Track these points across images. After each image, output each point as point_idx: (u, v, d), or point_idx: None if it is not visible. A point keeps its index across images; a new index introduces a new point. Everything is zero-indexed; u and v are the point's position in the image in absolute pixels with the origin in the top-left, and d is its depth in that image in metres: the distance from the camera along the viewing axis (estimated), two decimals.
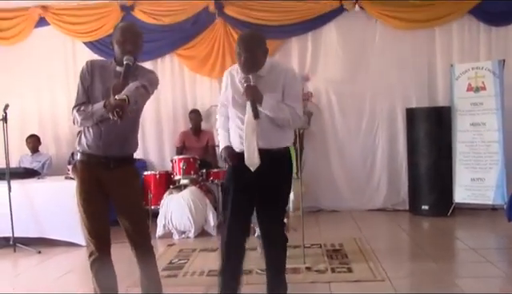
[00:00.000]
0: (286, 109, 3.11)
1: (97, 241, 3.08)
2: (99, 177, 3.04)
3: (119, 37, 3.05)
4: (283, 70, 3.21)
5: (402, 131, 6.91)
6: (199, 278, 4.32)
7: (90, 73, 3.07)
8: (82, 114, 3.00)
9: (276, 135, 3.17)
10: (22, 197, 5.66)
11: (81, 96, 3.07)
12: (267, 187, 3.15)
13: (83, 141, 3.06)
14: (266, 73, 3.16)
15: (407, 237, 5.75)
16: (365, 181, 7.08)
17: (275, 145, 3.17)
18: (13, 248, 5.58)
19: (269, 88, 3.10)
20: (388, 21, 6.86)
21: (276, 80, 3.14)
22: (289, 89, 3.15)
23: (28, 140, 6.96)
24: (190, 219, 5.81)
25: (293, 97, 3.16)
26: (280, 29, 7.01)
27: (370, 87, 7.00)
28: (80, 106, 3.03)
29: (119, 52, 3.04)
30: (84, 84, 3.07)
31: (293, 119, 3.13)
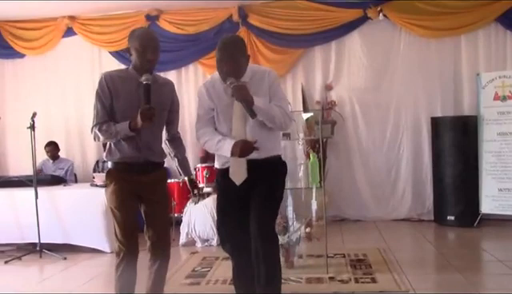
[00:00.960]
0: (276, 109, 3.01)
1: (128, 244, 3.09)
2: (135, 183, 3.09)
3: (138, 46, 3.02)
4: (264, 73, 3.11)
5: (427, 140, 6.82)
6: (222, 286, 4.31)
7: (109, 87, 3.04)
8: (105, 134, 3.03)
9: (267, 143, 3.03)
10: (48, 204, 5.76)
11: (101, 115, 3.05)
12: (258, 195, 3.03)
13: (115, 151, 3.09)
14: (249, 78, 3.06)
15: (432, 248, 5.66)
16: (389, 191, 7.00)
17: (266, 153, 3.04)
18: (39, 253, 5.66)
19: (254, 92, 2.97)
20: (412, 29, 6.80)
21: (259, 84, 3.06)
22: (274, 90, 3.08)
23: (46, 148, 6.91)
24: (213, 227, 5.82)
25: (279, 98, 3.08)
26: (303, 38, 7.02)
27: (394, 96, 6.94)
28: (102, 125, 3.03)
29: (139, 60, 3.03)
30: (104, 101, 3.05)
31: (284, 118, 3.03)
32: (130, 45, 3.07)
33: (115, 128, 3.00)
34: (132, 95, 3.01)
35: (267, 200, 3.06)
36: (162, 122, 3.23)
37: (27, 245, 5.94)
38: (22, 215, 5.85)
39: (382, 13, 6.76)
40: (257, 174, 3.00)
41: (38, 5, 6.63)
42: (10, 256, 5.65)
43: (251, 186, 3.02)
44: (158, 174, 3.23)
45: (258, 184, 3.02)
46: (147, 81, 2.96)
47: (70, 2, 6.64)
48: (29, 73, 7.61)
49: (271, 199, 3.09)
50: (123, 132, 2.98)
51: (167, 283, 4.32)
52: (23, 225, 5.86)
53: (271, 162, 3.09)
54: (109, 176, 3.16)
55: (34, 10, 6.97)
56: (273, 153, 3.11)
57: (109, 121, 3.05)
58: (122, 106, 3.03)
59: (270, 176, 3.06)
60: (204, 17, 7.14)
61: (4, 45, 7.52)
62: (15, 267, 5.45)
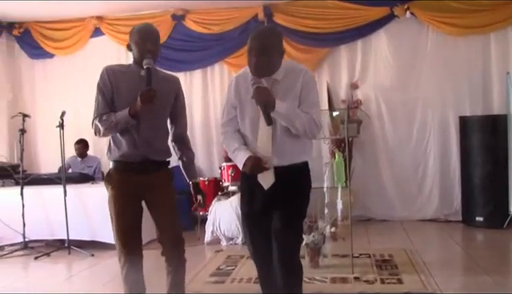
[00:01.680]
0: (302, 115, 2.69)
1: (128, 252, 3.01)
2: (135, 184, 2.96)
3: (138, 39, 2.95)
4: (300, 72, 2.79)
5: (455, 140, 6.72)
6: (246, 285, 4.33)
7: (111, 81, 2.97)
8: (105, 124, 2.93)
9: (293, 149, 2.79)
10: (76, 201, 5.85)
11: (101, 106, 2.98)
12: (281, 207, 2.78)
13: (115, 149, 3.00)
14: (282, 76, 2.77)
15: (460, 249, 5.57)
16: (416, 191, 6.92)
17: (292, 160, 2.79)
18: (67, 250, 5.77)
19: (285, 93, 2.74)
20: (440, 27, 6.70)
21: (293, 84, 2.75)
22: (305, 94, 2.75)
23: (76, 145, 7.02)
24: (238, 226, 5.84)
25: (309, 102, 2.75)
26: (329, 36, 6.98)
27: (421, 95, 6.85)
28: (101, 116, 2.95)
29: (139, 53, 2.94)
30: (105, 94, 2.98)
31: (309, 126, 2.71)
32: (130, 42, 3.01)
33: (115, 116, 2.91)
34: (133, 90, 2.89)
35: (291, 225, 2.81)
36: (163, 118, 3.09)
37: (56, 242, 6.06)
38: (51, 212, 5.97)
39: (409, 11, 6.68)
40: (281, 181, 2.77)
41: (67, 5, 6.75)
42: (40, 252, 5.77)
43: (275, 193, 2.78)
44: (159, 174, 3.04)
45: (282, 196, 2.77)
46: (148, 64, 2.88)
47: (98, 3, 6.74)
48: (58, 73, 7.75)
49: (295, 219, 2.85)
50: (123, 119, 2.87)
51: (192, 281, 4.38)
52: (52, 222, 5.98)
53: (296, 169, 2.82)
54: (108, 179, 3.05)
55: (62, 11, 7.10)
56: (298, 160, 2.83)
57: (109, 112, 2.96)
58: (122, 100, 2.93)
59: (294, 188, 2.80)
60: (229, 16, 7.17)
61: (34, 46, 7.68)
62: (44, 263, 5.56)
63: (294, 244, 2.88)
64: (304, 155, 2.87)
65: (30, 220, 5.82)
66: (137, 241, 3.04)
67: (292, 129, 2.71)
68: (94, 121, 2.98)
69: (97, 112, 2.99)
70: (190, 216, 6.54)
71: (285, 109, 2.67)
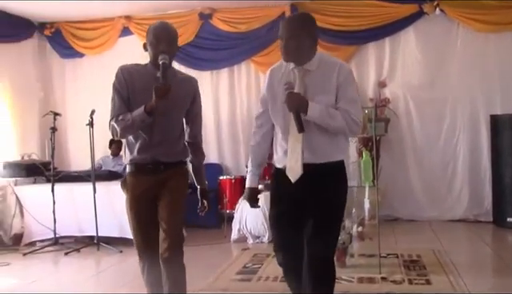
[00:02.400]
0: (339, 116, 2.58)
1: (146, 255, 2.97)
2: (148, 186, 2.90)
3: (152, 39, 2.86)
4: (336, 66, 2.64)
5: (486, 139, 6.60)
6: (272, 283, 4.32)
7: (126, 81, 2.88)
8: (122, 124, 2.79)
9: (326, 146, 2.68)
10: (105, 199, 5.93)
11: (118, 107, 2.85)
12: (315, 211, 2.67)
13: (128, 153, 2.95)
14: (316, 67, 2.65)
15: (490, 250, 5.47)
16: (445, 190, 6.82)
17: (326, 158, 2.68)
18: (97, 246, 5.86)
19: (318, 86, 2.63)
20: (470, 24, 6.58)
21: (327, 77, 2.62)
22: (344, 91, 2.62)
23: (112, 144, 7.23)
24: (265, 224, 5.85)
25: (348, 99, 2.62)
26: (356, 34, 6.93)
27: (450, 92, 6.74)
28: (118, 116, 2.82)
29: (154, 54, 2.85)
30: (122, 94, 2.86)
31: (348, 126, 2.60)
32: (146, 41, 2.93)
33: (131, 115, 2.78)
34: (149, 91, 2.73)
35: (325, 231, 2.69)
36: (178, 120, 2.97)
37: (85, 238, 6.16)
38: (81, 209, 6.07)
39: (438, 8, 6.58)
40: (314, 181, 2.64)
41: (96, 5, 6.85)
42: (70, 248, 5.88)
43: (308, 195, 2.67)
44: (170, 173, 2.93)
45: (315, 197, 2.67)
46: (164, 59, 2.76)
47: (127, 2, 6.83)
48: (88, 72, 7.87)
49: (329, 224, 2.72)
50: (139, 117, 2.73)
51: (218, 279, 4.40)
52: (82, 219, 6.10)
53: (330, 169, 2.69)
54: (123, 183, 3.03)
55: (92, 11, 7.21)
56: (333, 159, 2.70)
57: (126, 113, 2.82)
58: (138, 101, 2.80)
59: (328, 189, 2.68)
60: (256, 14, 7.18)
61: (65, 45, 7.81)
62: (74, 258, 5.67)
63: (326, 253, 2.73)
64: (339, 153, 2.74)
65: (60, 216, 5.93)
66: (155, 244, 2.92)
67: (327, 128, 2.61)
68: (111, 122, 2.85)
69: (113, 112, 2.86)
70: (217, 214, 6.58)
71: (318, 112, 2.57)
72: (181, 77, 3.01)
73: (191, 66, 7.45)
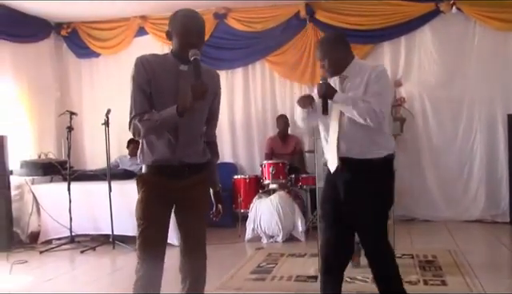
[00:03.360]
0: (361, 104, 2.83)
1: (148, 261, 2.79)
2: (169, 189, 2.65)
3: (181, 29, 2.55)
4: (368, 69, 2.96)
5: (503, 138, 6.52)
6: (287, 283, 4.32)
7: (148, 73, 2.56)
8: (147, 124, 2.50)
9: (361, 143, 2.89)
10: (120, 197, 5.96)
11: (140, 104, 2.55)
12: (354, 204, 2.90)
13: (148, 153, 2.64)
14: (352, 72, 2.98)
15: (507, 251, 5.41)
16: (461, 191, 6.75)
17: (363, 154, 2.89)
18: (112, 245, 5.91)
19: (352, 87, 2.96)
20: (488, 22, 6.51)
21: (360, 80, 2.94)
22: (371, 86, 2.90)
23: (130, 145, 7.26)
24: (279, 223, 5.84)
25: (372, 92, 2.88)
26: (372, 33, 6.89)
27: (467, 92, 6.67)
28: (143, 115, 2.52)
29: (180, 45, 2.55)
30: (144, 88, 2.56)
31: (368, 114, 2.81)
32: (170, 28, 2.60)
33: (159, 115, 2.48)
34: (171, 85, 2.53)
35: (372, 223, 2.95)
36: (202, 118, 2.70)
37: (101, 236, 6.21)
38: (97, 207, 6.12)
39: (455, 7, 6.52)
40: (353, 174, 2.89)
41: (112, 6, 6.91)
42: (86, 247, 5.93)
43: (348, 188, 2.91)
44: (195, 179, 2.66)
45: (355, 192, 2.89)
46: (196, 55, 2.49)
47: (142, 3, 6.86)
48: (103, 72, 7.94)
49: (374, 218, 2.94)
50: (169, 118, 2.45)
51: (232, 278, 4.41)
52: (97, 217, 6.14)
53: (369, 164, 2.89)
54: (139, 182, 2.76)
55: (108, 11, 7.26)
56: (372, 155, 2.90)
57: (150, 110, 2.54)
58: (159, 97, 2.54)
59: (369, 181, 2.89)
60: (271, 14, 7.17)
61: (81, 45, 7.88)
62: (90, 257, 5.72)
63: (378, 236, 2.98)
64: (381, 149, 2.94)
65: (76, 215, 5.98)
66: (160, 252, 2.73)
67: (352, 117, 2.86)
68: (133, 121, 2.55)
69: (134, 110, 2.55)
70: (231, 213, 6.59)
71: (343, 98, 2.90)
72: (205, 69, 2.63)
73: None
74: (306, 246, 5.65)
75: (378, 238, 2.98)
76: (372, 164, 2.90)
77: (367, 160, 2.89)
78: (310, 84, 7.20)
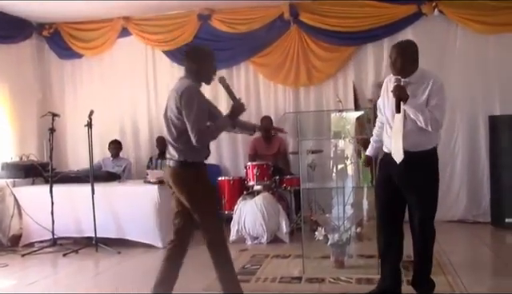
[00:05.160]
0: (426, 112, 3.41)
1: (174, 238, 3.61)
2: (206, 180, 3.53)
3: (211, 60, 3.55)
4: (430, 79, 3.50)
5: (484, 140, 6.60)
6: (271, 284, 4.33)
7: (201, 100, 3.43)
8: (212, 134, 3.47)
9: (416, 139, 3.48)
10: (104, 200, 5.93)
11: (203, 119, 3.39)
12: (409, 188, 3.54)
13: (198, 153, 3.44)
14: (415, 80, 3.51)
15: (489, 251, 5.47)
16: (443, 191, 6.76)
17: (417, 147, 3.49)
18: (95, 247, 5.85)
19: (414, 93, 3.46)
20: (469, 25, 6.59)
21: (422, 88, 3.48)
22: (432, 98, 3.45)
23: (111, 145, 7.28)
24: (263, 225, 5.84)
25: (434, 105, 3.44)
26: (355, 35, 6.94)
27: (449, 94, 6.60)
28: (208, 127, 3.40)
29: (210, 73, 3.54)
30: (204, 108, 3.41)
31: (431, 122, 3.41)
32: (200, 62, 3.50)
33: (217, 125, 3.50)
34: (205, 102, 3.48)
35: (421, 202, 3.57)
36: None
37: (83, 239, 6.14)
38: (80, 210, 6.07)
39: (437, 9, 6.59)
40: (409, 164, 3.48)
41: (95, 6, 6.84)
42: (68, 249, 5.87)
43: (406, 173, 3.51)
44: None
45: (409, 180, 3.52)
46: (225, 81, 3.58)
47: (125, 3, 6.82)
48: (86, 73, 7.88)
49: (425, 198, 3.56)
50: (224, 127, 3.58)
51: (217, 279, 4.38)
52: (80, 220, 6.09)
53: (425, 156, 3.54)
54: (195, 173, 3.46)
55: (90, 11, 7.20)
56: (423, 148, 3.53)
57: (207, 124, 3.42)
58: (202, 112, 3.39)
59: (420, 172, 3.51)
60: (255, 15, 7.17)
61: (63, 46, 7.81)
62: (72, 260, 5.65)
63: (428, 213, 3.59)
64: (425, 145, 3.56)
65: (58, 217, 5.92)
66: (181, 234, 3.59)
67: (417, 121, 3.43)
68: (203, 132, 3.34)
69: (201, 124, 3.35)
70: None
71: (414, 104, 3.43)
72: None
73: None
74: (290, 247, 5.66)
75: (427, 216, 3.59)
76: (423, 156, 3.53)
77: (420, 151, 3.51)
78: (293, 86, 7.23)
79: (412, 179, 3.52)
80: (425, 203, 3.58)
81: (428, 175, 3.57)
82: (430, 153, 3.59)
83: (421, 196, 3.56)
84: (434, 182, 3.61)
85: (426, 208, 3.60)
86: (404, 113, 3.47)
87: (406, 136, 3.48)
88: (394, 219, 3.68)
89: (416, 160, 3.50)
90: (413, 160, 3.49)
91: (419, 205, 3.58)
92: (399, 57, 3.51)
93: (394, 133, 3.57)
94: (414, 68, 3.56)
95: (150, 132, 7.68)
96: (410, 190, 3.57)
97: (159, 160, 7.34)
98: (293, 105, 7.26)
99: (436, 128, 3.49)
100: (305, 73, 7.10)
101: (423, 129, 3.46)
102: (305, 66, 7.06)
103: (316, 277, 4.39)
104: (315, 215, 5.86)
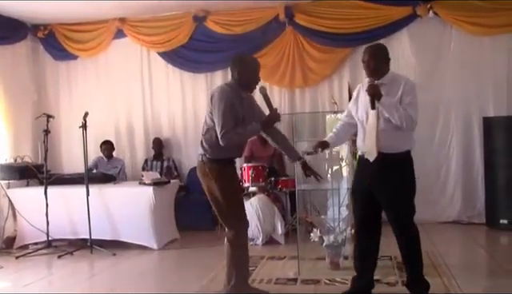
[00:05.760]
0: (400, 109, 3.47)
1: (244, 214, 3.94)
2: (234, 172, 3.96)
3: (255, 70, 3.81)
4: (401, 81, 3.60)
5: (479, 141, 6.62)
6: (266, 285, 4.33)
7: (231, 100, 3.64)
8: (238, 136, 3.66)
9: (392, 140, 3.54)
10: (99, 201, 5.93)
11: (230, 121, 3.60)
12: (382, 190, 3.58)
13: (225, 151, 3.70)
14: (388, 81, 3.59)
15: (484, 252, 5.49)
16: (438, 192, 6.83)
17: (391, 149, 3.54)
18: (90, 249, 5.83)
19: (388, 93, 3.52)
20: (464, 26, 6.61)
21: (395, 89, 3.54)
22: (405, 97, 3.53)
23: (102, 146, 7.23)
24: (258, 226, 5.85)
25: (407, 102, 3.52)
26: (350, 37, 6.93)
27: (444, 95, 6.77)
28: (234, 129, 3.60)
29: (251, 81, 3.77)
30: (231, 110, 3.61)
31: (405, 119, 3.47)
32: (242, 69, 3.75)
33: (247, 130, 3.71)
34: (239, 107, 3.68)
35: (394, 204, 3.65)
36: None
37: (78, 241, 6.13)
38: (74, 211, 6.06)
39: (431, 11, 6.60)
40: (383, 166, 3.55)
41: (90, 7, 6.83)
42: (63, 251, 5.85)
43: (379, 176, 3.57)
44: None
45: (383, 182, 3.57)
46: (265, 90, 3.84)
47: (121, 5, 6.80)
48: (81, 75, 7.86)
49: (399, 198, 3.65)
50: (254, 132, 3.87)
51: (212, 281, 4.41)
52: (75, 221, 6.08)
53: (393, 158, 3.57)
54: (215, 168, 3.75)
55: (86, 13, 7.18)
56: (395, 150, 3.58)
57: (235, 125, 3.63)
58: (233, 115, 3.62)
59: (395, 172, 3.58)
60: (250, 17, 7.17)
61: (58, 48, 7.78)
62: (67, 261, 5.64)
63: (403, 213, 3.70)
64: (404, 146, 3.63)
65: (53, 219, 5.91)
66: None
67: (392, 119, 3.47)
68: (227, 135, 3.58)
69: (228, 126, 3.58)
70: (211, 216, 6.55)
71: (388, 102, 3.49)
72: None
73: (186, 69, 7.45)
74: (285, 249, 5.66)
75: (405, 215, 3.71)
76: (398, 158, 3.60)
77: (395, 153, 3.57)
78: (288, 87, 7.23)
79: (385, 180, 3.57)
80: (398, 205, 3.64)
81: (401, 177, 3.63)
82: (403, 156, 3.64)
83: (393, 198, 3.61)
84: (407, 184, 3.69)
85: (399, 210, 3.66)
86: (378, 113, 3.52)
87: (379, 136, 3.52)
88: (372, 222, 3.75)
89: (389, 161, 3.55)
90: (386, 161, 3.54)
91: (392, 207, 3.65)
92: (372, 59, 3.59)
93: (368, 132, 3.60)
94: (386, 70, 3.65)
95: (146, 133, 7.67)
96: (383, 192, 3.60)
97: (155, 161, 7.33)
98: (288, 107, 7.26)
99: (411, 126, 3.54)
100: (300, 75, 7.11)
101: (398, 130, 3.51)
102: (300, 68, 7.07)
103: (311, 278, 4.40)
104: (310, 216, 5.86)
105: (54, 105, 7.82)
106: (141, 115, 7.66)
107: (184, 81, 7.51)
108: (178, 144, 7.61)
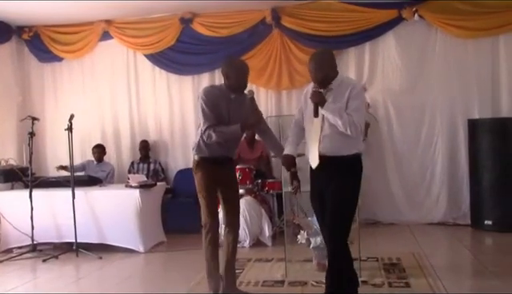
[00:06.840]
0: (345, 116, 3.38)
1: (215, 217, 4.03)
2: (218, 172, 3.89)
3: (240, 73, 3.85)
4: (349, 86, 3.51)
5: (464, 143, 6.68)
6: (254, 288, 4.33)
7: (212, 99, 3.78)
8: (218, 134, 3.73)
9: (336, 143, 3.45)
10: (84, 204, 5.88)
11: (211, 119, 3.75)
12: (327, 193, 3.49)
13: (205, 150, 3.85)
14: (336, 86, 3.52)
15: (469, 253, 5.53)
16: (424, 194, 6.88)
17: (336, 152, 3.47)
18: (76, 252, 5.79)
19: (335, 98, 3.46)
20: (449, 29, 6.68)
21: (342, 93, 3.46)
22: (351, 102, 3.43)
23: (94, 149, 7.22)
24: (246, 228, 5.84)
25: (353, 108, 3.42)
26: (336, 39, 6.96)
27: (429, 98, 6.82)
28: (215, 127, 3.73)
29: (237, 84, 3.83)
30: (211, 109, 3.75)
31: (349, 125, 3.37)
32: (229, 72, 3.83)
33: (227, 129, 3.77)
34: (225, 107, 3.81)
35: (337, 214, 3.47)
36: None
37: (64, 244, 6.08)
38: (60, 215, 6.01)
39: (417, 14, 6.65)
40: (329, 169, 3.48)
41: (76, 9, 6.78)
42: (48, 255, 5.79)
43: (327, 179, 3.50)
44: (229, 165, 4.06)
45: (331, 184, 3.46)
46: (252, 94, 3.93)
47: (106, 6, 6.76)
48: (67, 77, 7.81)
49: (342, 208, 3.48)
50: (235, 132, 3.79)
51: (199, 283, 4.40)
52: (60, 225, 6.03)
53: (342, 160, 3.47)
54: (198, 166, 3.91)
55: (71, 15, 7.13)
56: (343, 153, 3.48)
57: (216, 124, 3.74)
58: (218, 115, 3.77)
59: (341, 175, 3.47)
60: (237, 19, 7.17)
61: (43, 49, 7.72)
62: (53, 265, 5.58)
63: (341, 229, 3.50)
64: (350, 148, 3.49)
65: (38, 222, 5.85)
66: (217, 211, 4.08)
67: (336, 125, 3.40)
68: (208, 131, 3.73)
69: (208, 122, 3.74)
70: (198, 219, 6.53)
71: (331, 108, 3.41)
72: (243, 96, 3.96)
73: (172, 71, 7.44)
74: (272, 251, 5.67)
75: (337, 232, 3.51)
76: (345, 161, 3.48)
77: (340, 156, 3.47)
78: (275, 90, 7.25)
79: (330, 183, 3.46)
80: (338, 211, 3.46)
81: (346, 180, 3.48)
82: (350, 159, 3.50)
83: (336, 201, 3.45)
84: (351, 189, 3.53)
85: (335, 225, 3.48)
86: (322, 118, 3.46)
87: (323, 140, 3.47)
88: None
89: (335, 164, 3.46)
90: (331, 164, 3.46)
91: (332, 212, 3.47)
92: (319, 70, 3.51)
93: (311, 139, 3.57)
94: (334, 74, 3.57)
95: (132, 136, 7.63)
96: (328, 195, 3.49)
97: (141, 164, 7.30)
98: (275, 109, 7.28)
99: (355, 132, 3.40)
100: (287, 77, 7.12)
101: (343, 134, 3.41)
102: (287, 70, 7.08)
103: (298, 280, 4.41)
104: (297, 218, 5.86)
105: (39, 107, 7.76)
106: (127, 117, 7.63)
107: (171, 83, 7.49)
108: (164, 146, 7.59)
